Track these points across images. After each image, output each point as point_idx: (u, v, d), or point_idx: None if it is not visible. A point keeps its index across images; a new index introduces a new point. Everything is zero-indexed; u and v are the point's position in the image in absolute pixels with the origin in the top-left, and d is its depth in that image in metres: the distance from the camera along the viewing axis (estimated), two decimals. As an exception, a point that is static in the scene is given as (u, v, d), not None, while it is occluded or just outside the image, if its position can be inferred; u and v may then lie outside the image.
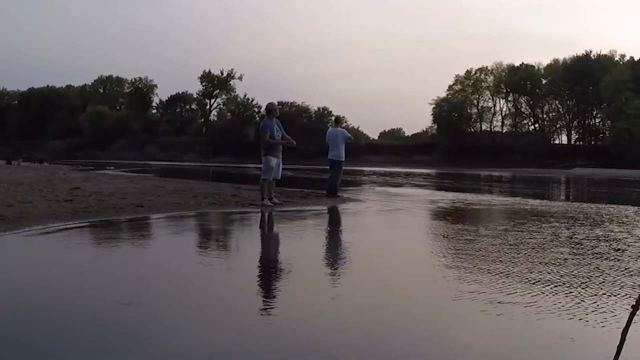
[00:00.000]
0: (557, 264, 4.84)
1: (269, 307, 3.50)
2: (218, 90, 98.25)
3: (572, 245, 5.96)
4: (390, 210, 10.51)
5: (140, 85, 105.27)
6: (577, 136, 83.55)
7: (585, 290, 3.87)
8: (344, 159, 12.34)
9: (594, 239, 6.42)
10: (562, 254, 5.39)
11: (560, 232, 7.02)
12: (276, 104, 10.73)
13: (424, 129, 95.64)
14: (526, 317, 3.24)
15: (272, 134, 9.81)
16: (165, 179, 18.60)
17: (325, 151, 12.53)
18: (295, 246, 6.25)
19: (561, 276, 4.32)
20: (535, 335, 2.97)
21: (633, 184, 27.29)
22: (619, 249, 5.81)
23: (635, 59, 74.13)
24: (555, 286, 3.97)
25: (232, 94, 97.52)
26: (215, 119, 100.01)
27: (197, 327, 2.94)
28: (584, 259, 5.13)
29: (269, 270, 4.83)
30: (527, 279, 4.20)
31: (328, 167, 12.68)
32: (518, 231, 7.04)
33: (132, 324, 3.03)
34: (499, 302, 3.50)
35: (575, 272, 4.50)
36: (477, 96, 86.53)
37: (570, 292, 3.81)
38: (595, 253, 5.48)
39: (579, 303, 3.54)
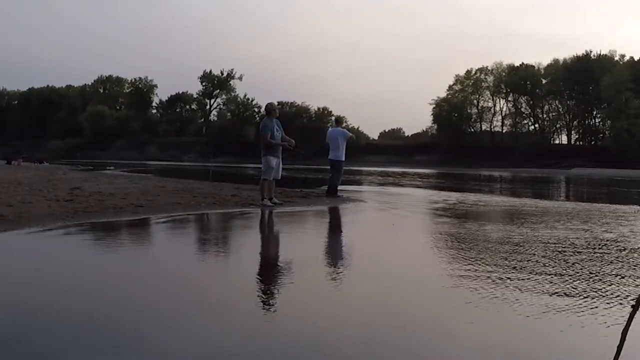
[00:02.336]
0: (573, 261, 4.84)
1: (269, 306, 3.49)
2: (218, 90, 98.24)
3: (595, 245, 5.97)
4: (390, 210, 10.51)
5: (140, 85, 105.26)
6: (577, 136, 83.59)
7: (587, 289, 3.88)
8: (343, 159, 12.34)
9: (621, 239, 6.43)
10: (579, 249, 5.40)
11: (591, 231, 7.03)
12: (276, 104, 10.76)
13: (424, 129, 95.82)
14: (529, 318, 3.25)
15: (273, 134, 9.82)
16: (166, 179, 18.60)
17: (326, 151, 12.55)
18: (295, 246, 6.24)
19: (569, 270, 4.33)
20: (536, 335, 2.97)
21: (634, 184, 27.29)
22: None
23: (635, 59, 74.20)
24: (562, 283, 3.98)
25: (232, 94, 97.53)
26: (215, 119, 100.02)
27: (197, 326, 2.94)
28: (597, 256, 5.14)
29: (269, 270, 4.83)
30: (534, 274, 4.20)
31: (328, 167, 12.72)
32: (525, 230, 7.03)
33: (132, 324, 3.03)
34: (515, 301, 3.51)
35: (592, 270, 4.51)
36: (477, 96, 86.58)
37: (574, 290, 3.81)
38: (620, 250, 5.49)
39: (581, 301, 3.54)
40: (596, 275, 4.37)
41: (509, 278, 4.20)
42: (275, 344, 2.78)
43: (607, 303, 3.55)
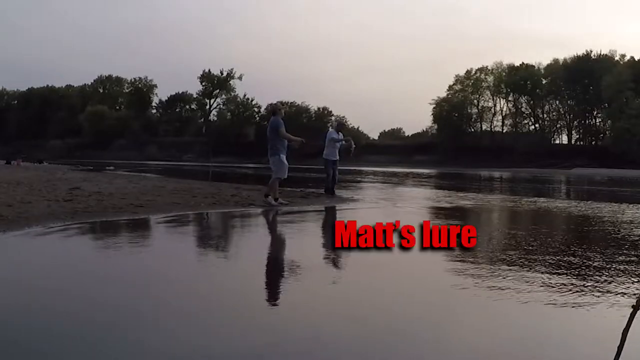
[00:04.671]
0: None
1: (270, 307, 3.49)
2: (218, 90, 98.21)
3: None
4: (390, 209, 10.49)
5: (140, 85, 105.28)
6: (577, 136, 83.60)
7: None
8: (338, 158, 12.45)
9: None
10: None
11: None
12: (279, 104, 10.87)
13: (424, 129, 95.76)
14: (530, 318, 3.24)
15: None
16: (165, 179, 18.59)
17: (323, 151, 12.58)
18: (296, 246, 6.23)
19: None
20: (536, 334, 2.96)
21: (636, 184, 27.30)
22: None
23: (636, 59, 74.13)
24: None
25: (232, 94, 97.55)
26: (215, 118, 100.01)
27: (196, 327, 2.93)
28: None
29: (270, 271, 4.82)
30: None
31: (323, 167, 12.69)
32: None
33: (132, 325, 3.02)
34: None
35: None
36: (478, 96, 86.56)
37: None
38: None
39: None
40: None
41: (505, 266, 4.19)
42: (275, 345, 2.77)
43: None
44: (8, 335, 2.79)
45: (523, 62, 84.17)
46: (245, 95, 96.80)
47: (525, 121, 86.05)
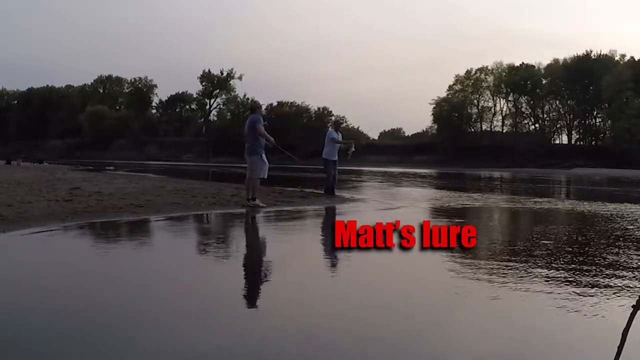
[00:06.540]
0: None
1: (269, 307, 3.48)
2: (218, 90, 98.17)
3: None
4: (390, 209, 10.49)
5: (140, 85, 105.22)
6: (577, 136, 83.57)
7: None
8: (336, 158, 12.42)
9: None
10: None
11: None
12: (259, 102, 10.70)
13: (424, 129, 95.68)
14: (530, 318, 3.24)
15: None
16: (165, 179, 18.59)
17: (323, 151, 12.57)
18: (296, 246, 6.23)
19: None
20: (535, 334, 2.96)
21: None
22: None
23: (636, 59, 74.06)
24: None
25: (232, 94, 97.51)
26: (215, 118, 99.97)
27: (196, 327, 2.93)
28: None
29: (269, 271, 4.82)
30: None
31: (323, 167, 12.68)
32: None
33: (132, 325, 3.02)
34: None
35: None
36: (478, 96, 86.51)
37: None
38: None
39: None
40: None
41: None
42: (274, 345, 2.77)
43: None
44: (8, 335, 2.79)
45: (523, 62, 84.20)
46: (245, 95, 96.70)
47: (525, 121, 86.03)
